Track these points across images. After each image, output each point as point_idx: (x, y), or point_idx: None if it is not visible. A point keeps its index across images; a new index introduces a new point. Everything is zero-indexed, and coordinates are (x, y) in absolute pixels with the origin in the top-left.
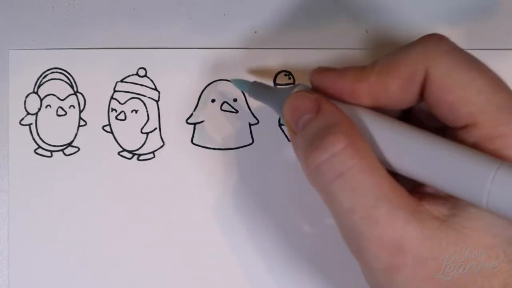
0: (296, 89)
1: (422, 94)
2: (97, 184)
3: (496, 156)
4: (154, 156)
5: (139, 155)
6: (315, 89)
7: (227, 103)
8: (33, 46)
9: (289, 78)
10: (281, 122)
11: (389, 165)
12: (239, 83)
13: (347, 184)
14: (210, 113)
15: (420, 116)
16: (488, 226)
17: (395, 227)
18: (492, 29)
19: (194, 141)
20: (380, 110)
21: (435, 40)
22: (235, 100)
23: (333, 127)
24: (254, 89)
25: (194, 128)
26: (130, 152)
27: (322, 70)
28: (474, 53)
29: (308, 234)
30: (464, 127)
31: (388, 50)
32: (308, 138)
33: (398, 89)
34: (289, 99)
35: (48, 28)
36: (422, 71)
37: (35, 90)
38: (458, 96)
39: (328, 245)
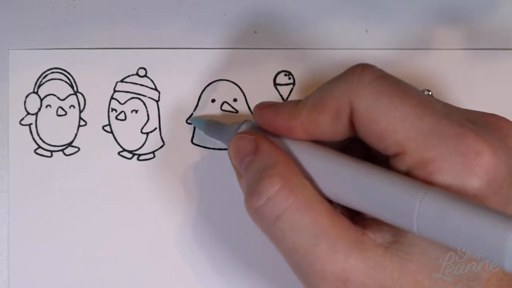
0: (242, 127)
1: (353, 127)
2: (97, 184)
3: (428, 181)
4: (154, 156)
5: (139, 155)
6: (259, 126)
7: (227, 103)
8: (33, 46)
9: (289, 78)
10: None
11: (327, 196)
12: (196, 121)
13: (285, 225)
14: (210, 113)
15: (367, 142)
16: (428, 250)
17: (337, 261)
18: (492, 29)
19: (194, 141)
20: (319, 142)
21: (358, 72)
22: (235, 100)
23: (268, 169)
24: (208, 127)
25: (194, 128)
26: (130, 152)
27: (262, 107)
28: (474, 53)
29: None
30: (395, 155)
31: (388, 50)
32: (249, 181)
33: (327, 124)
34: (231, 142)
35: (48, 28)
36: (347, 105)
37: (35, 90)
38: (383, 126)
39: None
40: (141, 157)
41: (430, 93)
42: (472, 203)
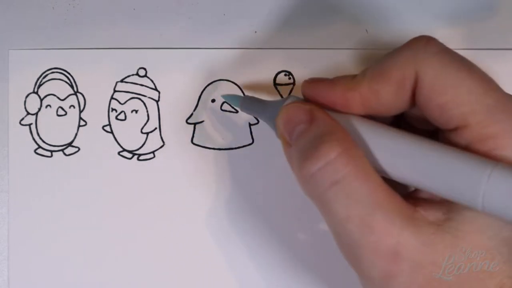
0: (288, 101)
1: (413, 99)
2: (97, 184)
3: (488, 157)
4: (154, 156)
5: (139, 155)
6: (307, 101)
7: (227, 103)
8: (33, 46)
9: (289, 78)
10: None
11: (384, 172)
12: (230, 98)
13: (342, 192)
14: (210, 113)
15: (411, 121)
16: (483, 228)
17: (391, 234)
18: (492, 29)
19: (194, 141)
20: (372, 117)
21: (424, 42)
22: None
23: (326, 136)
24: (245, 103)
25: (194, 128)
26: (130, 152)
27: (313, 81)
28: (474, 53)
29: (309, 234)
30: (456, 129)
31: (388, 50)
32: (302, 148)
33: (389, 95)
34: (282, 111)
35: (48, 28)
36: (412, 74)
37: (35, 90)
38: (448, 97)
39: (330, 246)
40: (141, 157)
41: None
42: None
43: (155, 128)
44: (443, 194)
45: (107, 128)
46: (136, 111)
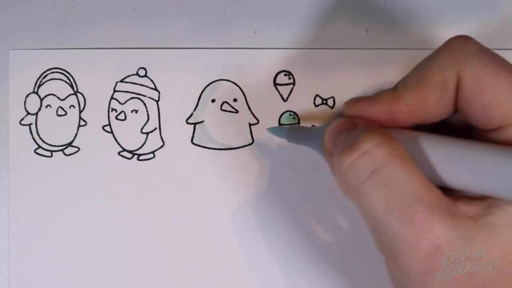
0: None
1: (457, 102)
2: (97, 184)
3: None
4: (154, 156)
5: (139, 155)
6: None
7: (227, 103)
8: (33, 46)
9: (289, 78)
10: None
11: (442, 182)
12: (276, 130)
13: (380, 181)
14: (210, 113)
15: (449, 129)
16: None
17: (432, 227)
18: (492, 29)
19: (194, 141)
20: (416, 128)
21: (461, 42)
22: (235, 100)
23: (368, 131)
24: (292, 134)
25: (194, 128)
26: (130, 152)
27: (355, 101)
28: None
29: (309, 232)
30: (498, 128)
31: (388, 50)
32: (342, 146)
33: (435, 100)
34: (329, 126)
35: (48, 28)
36: (454, 76)
37: (35, 90)
38: (490, 97)
39: (329, 243)
40: (141, 157)
41: None
42: None
43: (155, 128)
44: (492, 193)
45: (107, 128)
46: (136, 111)
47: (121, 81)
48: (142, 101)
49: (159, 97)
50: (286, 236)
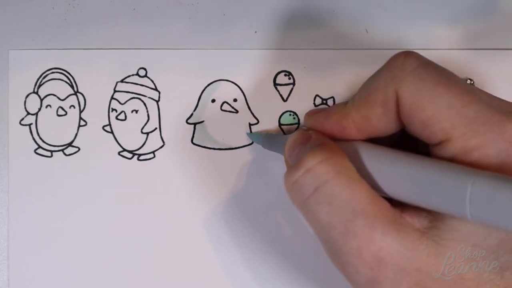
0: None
1: (400, 118)
2: (97, 184)
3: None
4: (154, 156)
5: (139, 155)
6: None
7: (227, 103)
8: (33, 46)
9: (289, 78)
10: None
11: (382, 192)
12: (252, 136)
13: (323, 198)
14: (210, 113)
15: (414, 138)
16: (468, 237)
17: (374, 240)
18: (492, 29)
19: (194, 141)
20: (371, 140)
21: (401, 60)
22: (235, 100)
23: (313, 147)
24: (266, 140)
25: (194, 128)
26: (130, 152)
27: (312, 113)
28: (474, 53)
29: (308, 234)
30: (440, 143)
31: (388, 50)
32: (292, 162)
33: (378, 117)
34: (289, 140)
35: (48, 28)
36: (393, 95)
37: (35, 90)
38: (429, 114)
39: None
40: (141, 157)
41: (472, 82)
42: None
43: (155, 128)
44: (433, 207)
45: (107, 128)
46: (136, 111)
47: (121, 81)
48: (142, 101)
49: (159, 97)
50: (289, 235)
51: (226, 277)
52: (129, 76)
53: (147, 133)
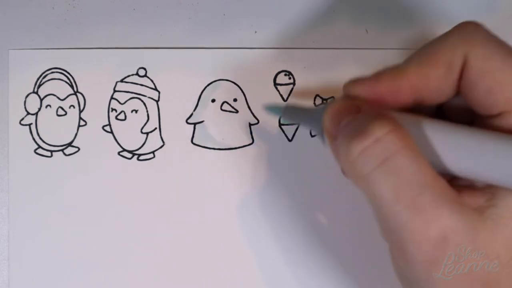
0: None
1: (459, 84)
2: (97, 184)
3: None
4: (154, 156)
5: (139, 155)
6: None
7: (227, 103)
8: (33, 46)
9: (289, 78)
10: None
11: (445, 169)
12: (272, 108)
13: (391, 170)
14: (210, 113)
15: (449, 114)
16: None
17: (441, 216)
18: (492, 29)
19: (194, 141)
20: (417, 108)
21: (472, 27)
22: (235, 100)
23: (376, 117)
24: (288, 112)
25: (194, 128)
26: (130, 152)
27: (355, 81)
28: None
29: (309, 231)
30: (499, 114)
31: (388, 50)
32: (349, 132)
33: (438, 79)
34: (329, 107)
35: (48, 28)
36: (461, 57)
37: (35, 90)
38: (496, 81)
39: (331, 238)
40: (141, 157)
41: None
42: None
43: (155, 128)
44: (495, 181)
45: (107, 128)
46: (136, 111)
47: (121, 81)
48: (142, 101)
49: (159, 97)
50: (287, 235)
51: (226, 277)
52: (129, 76)
53: (147, 133)
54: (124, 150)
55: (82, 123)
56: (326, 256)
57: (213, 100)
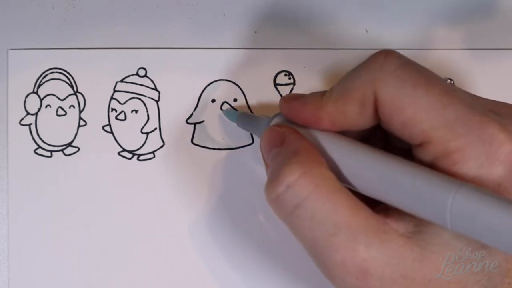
0: (273, 121)
1: (377, 115)
2: (97, 184)
3: (453, 171)
4: (154, 156)
5: (139, 155)
6: (286, 118)
7: (227, 103)
8: (33, 46)
9: (289, 78)
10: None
11: (354, 187)
12: (228, 114)
13: (305, 214)
14: (210, 113)
15: (389, 134)
16: (452, 241)
17: (357, 252)
18: (492, 29)
19: (194, 141)
20: (344, 133)
21: (381, 60)
22: (235, 100)
23: (290, 158)
24: (241, 119)
25: (194, 128)
26: (130, 152)
27: (288, 99)
28: (474, 53)
29: None
30: (420, 144)
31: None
32: (270, 171)
33: (354, 113)
34: (263, 135)
35: (48, 28)
36: (371, 94)
37: (35, 90)
38: (408, 116)
39: None
40: (141, 157)
41: (452, 82)
42: (505, 200)
43: (155, 128)
44: (412, 212)
45: (107, 128)
46: (136, 111)
47: (121, 81)
48: (142, 101)
49: (159, 97)
50: (290, 234)
51: (226, 277)
52: (129, 76)
53: (147, 133)
54: (124, 150)
55: (82, 123)
56: None
57: (213, 100)
